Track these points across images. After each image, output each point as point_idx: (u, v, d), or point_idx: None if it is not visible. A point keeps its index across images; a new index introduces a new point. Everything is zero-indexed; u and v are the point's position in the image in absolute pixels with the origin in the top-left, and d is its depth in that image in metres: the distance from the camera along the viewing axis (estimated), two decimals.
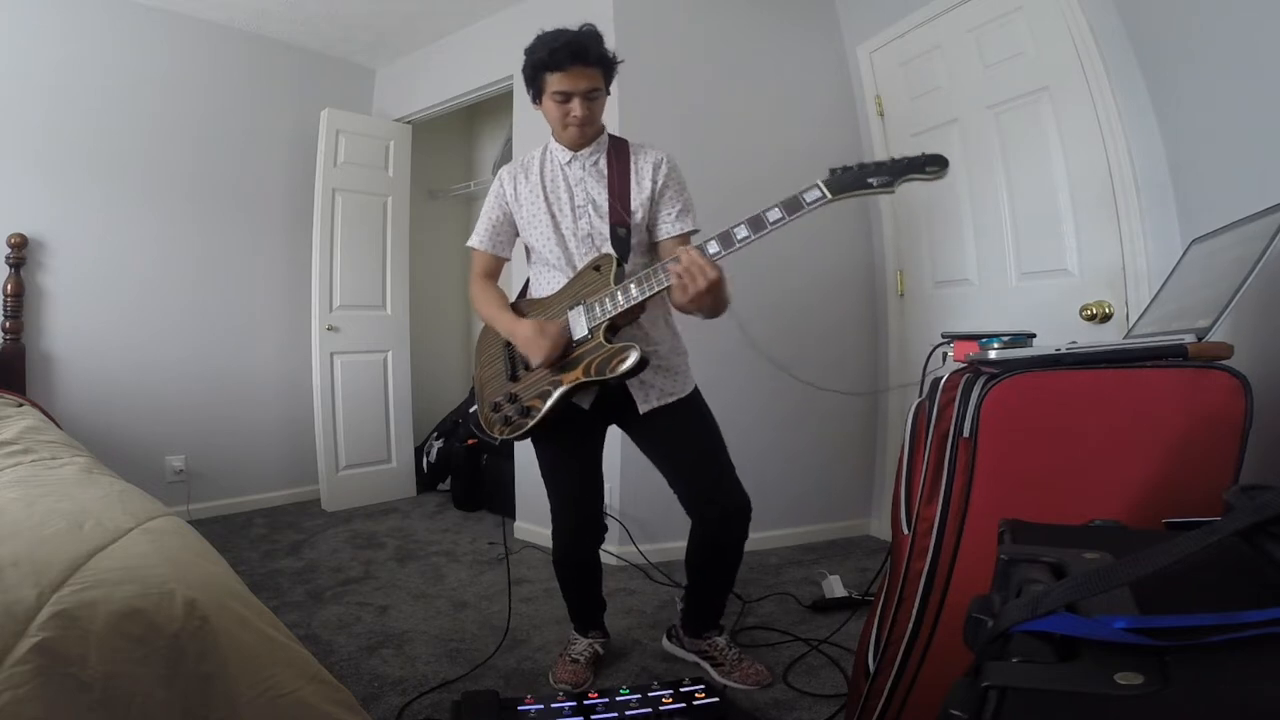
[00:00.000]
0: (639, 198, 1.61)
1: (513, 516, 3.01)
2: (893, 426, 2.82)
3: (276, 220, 3.45)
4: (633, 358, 1.44)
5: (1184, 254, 1.42)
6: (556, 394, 1.52)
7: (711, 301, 1.41)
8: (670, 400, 1.63)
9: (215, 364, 3.26)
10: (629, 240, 1.58)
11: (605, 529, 1.77)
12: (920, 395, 1.37)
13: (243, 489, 3.33)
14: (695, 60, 2.73)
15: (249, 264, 3.38)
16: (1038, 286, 2.22)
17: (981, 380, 1.09)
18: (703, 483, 1.64)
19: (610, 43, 1.56)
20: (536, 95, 1.58)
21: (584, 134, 1.58)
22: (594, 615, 1.83)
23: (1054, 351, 1.10)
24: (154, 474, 2.99)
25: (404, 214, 3.68)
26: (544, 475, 1.72)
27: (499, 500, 3.20)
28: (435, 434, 3.84)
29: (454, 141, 4.35)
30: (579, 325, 1.53)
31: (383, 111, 3.74)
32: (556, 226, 1.62)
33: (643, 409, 1.61)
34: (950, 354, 1.32)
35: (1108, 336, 1.91)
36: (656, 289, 1.45)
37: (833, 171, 1.33)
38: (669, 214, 1.62)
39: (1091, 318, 1.98)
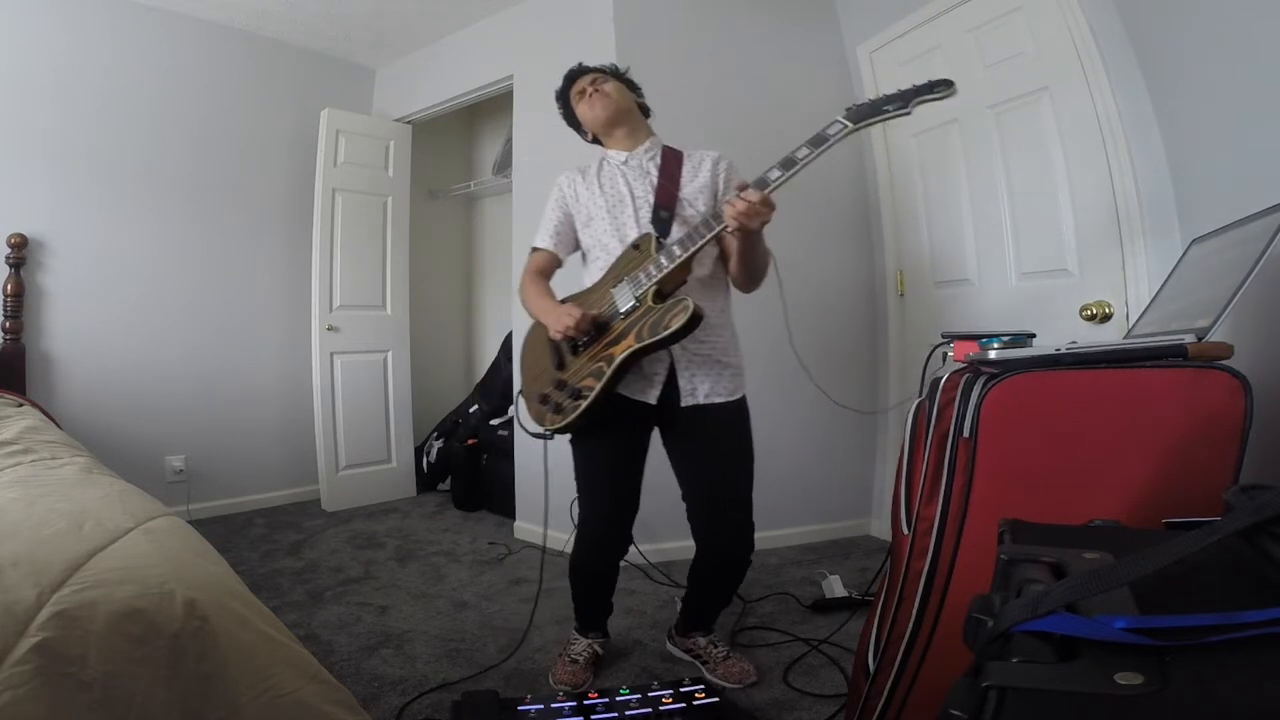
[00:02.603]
0: (692, 185, 1.64)
1: (513, 517, 3.01)
2: (893, 427, 2.82)
3: (276, 220, 3.45)
4: (689, 310, 1.39)
5: (1184, 254, 1.42)
6: (611, 369, 1.48)
7: (759, 257, 1.52)
8: (717, 401, 1.59)
9: (215, 364, 3.26)
10: (670, 222, 1.59)
11: (630, 541, 1.72)
12: (920, 395, 1.37)
13: (243, 489, 3.33)
14: (694, 61, 2.73)
15: (249, 264, 3.38)
16: (1038, 286, 2.22)
17: (981, 380, 1.09)
18: (720, 507, 1.62)
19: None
20: (573, 115, 1.74)
21: (606, 106, 1.65)
22: (600, 619, 1.83)
23: (1054, 351, 1.10)
24: (154, 474, 2.99)
25: (404, 214, 3.68)
26: (579, 478, 1.67)
27: (499, 500, 3.20)
28: (435, 434, 3.84)
29: (454, 141, 4.35)
30: (625, 298, 1.51)
31: (383, 111, 3.74)
32: (617, 225, 1.64)
33: (685, 402, 1.58)
34: (950, 354, 1.32)
35: (1108, 336, 1.91)
36: (700, 242, 1.43)
37: (848, 109, 1.39)
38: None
39: (1091, 318, 1.98)
